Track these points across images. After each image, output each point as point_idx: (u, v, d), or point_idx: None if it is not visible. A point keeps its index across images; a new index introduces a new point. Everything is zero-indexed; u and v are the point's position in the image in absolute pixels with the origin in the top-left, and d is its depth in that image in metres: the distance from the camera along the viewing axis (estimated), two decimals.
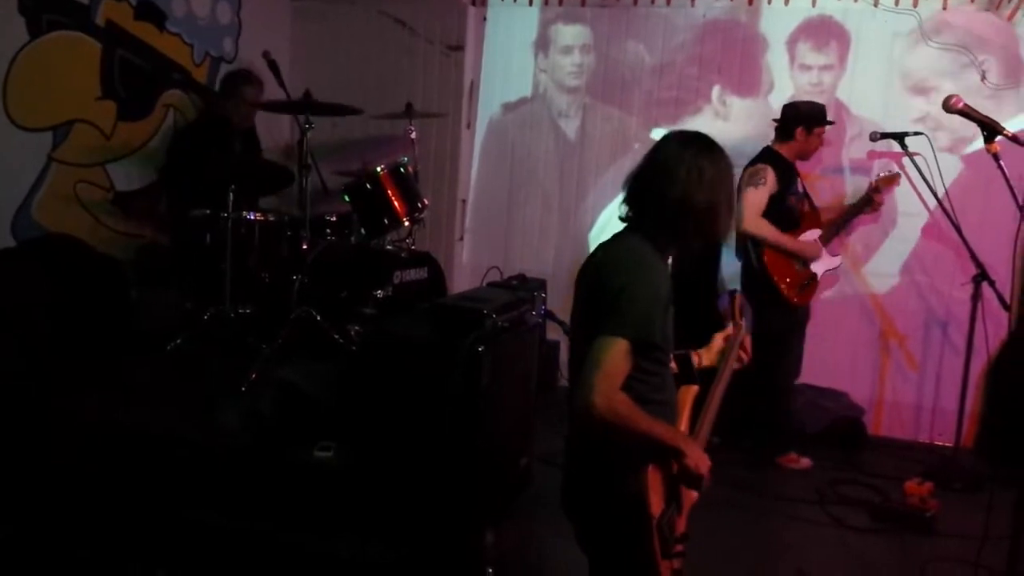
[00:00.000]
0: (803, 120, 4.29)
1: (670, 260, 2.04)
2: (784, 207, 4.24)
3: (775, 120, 4.41)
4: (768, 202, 4.17)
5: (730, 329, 2.36)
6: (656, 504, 1.84)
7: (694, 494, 1.99)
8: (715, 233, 1.95)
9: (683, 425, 2.08)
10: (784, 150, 4.31)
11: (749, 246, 4.25)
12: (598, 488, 1.93)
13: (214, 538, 3.02)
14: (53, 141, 4.30)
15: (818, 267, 4.34)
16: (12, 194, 4.13)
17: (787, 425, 4.44)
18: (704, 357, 2.27)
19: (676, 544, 1.92)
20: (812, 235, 4.37)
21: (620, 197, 2.03)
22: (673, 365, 2.12)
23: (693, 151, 1.93)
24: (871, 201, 4.46)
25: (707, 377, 2.22)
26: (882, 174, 4.56)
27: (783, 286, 4.20)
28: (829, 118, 4.42)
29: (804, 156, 4.41)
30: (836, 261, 4.48)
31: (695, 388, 2.18)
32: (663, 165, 1.94)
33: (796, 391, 4.54)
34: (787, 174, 4.26)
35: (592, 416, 1.75)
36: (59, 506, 3.13)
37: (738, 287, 4.31)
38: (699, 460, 1.85)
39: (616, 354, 1.77)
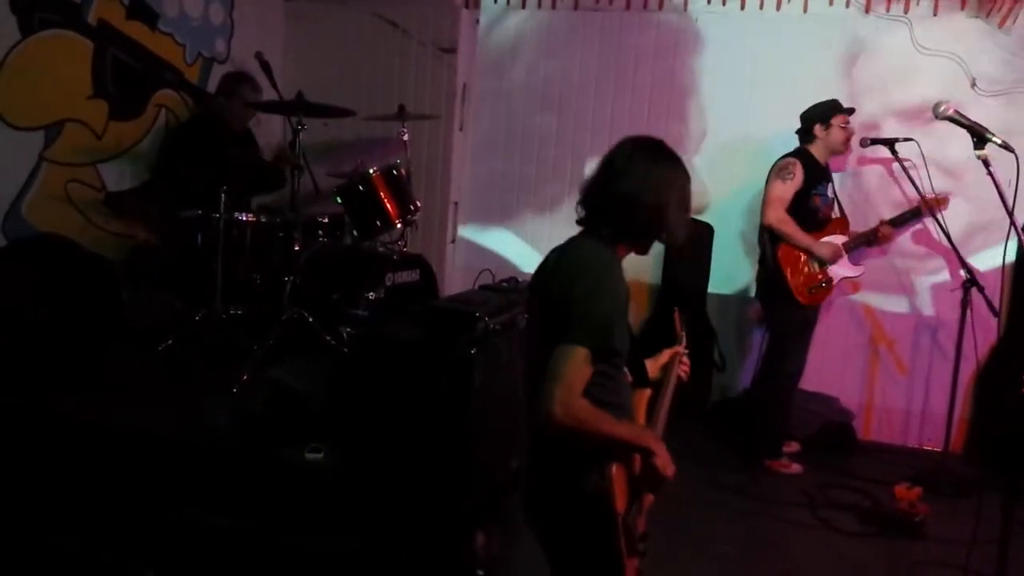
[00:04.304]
0: (818, 116, 4.29)
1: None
2: (807, 206, 4.23)
3: (797, 132, 4.40)
4: (793, 198, 4.18)
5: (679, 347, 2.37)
6: (620, 502, 1.85)
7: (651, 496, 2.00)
8: (663, 233, 1.97)
9: None
10: (813, 150, 4.30)
11: (766, 239, 4.26)
12: (562, 489, 1.91)
13: (204, 538, 3.01)
14: (44, 140, 4.28)
15: (837, 272, 4.31)
16: (3, 194, 4.11)
17: (782, 428, 4.43)
18: (649, 368, 2.26)
19: (639, 543, 1.93)
20: (835, 240, 4.36)
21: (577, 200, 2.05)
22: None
23: (645, 154, 1.97)
24: (911, 219, 4.53)
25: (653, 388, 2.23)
26: (931, 195, 4.40)
27: (793, 282, 4.19)
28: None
29: (836, 150, 4.38)
30: (858, 270, 4.47)
31: (648, 392, 2.19)
32: (615, 166, 1.97)
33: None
34: (815, 173, 4.24)
35: (554, 425, 1.74)
36: (51, 505, 3.11)
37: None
38: (667, 461, 1.87)
39: (576, 362, 1.76)
